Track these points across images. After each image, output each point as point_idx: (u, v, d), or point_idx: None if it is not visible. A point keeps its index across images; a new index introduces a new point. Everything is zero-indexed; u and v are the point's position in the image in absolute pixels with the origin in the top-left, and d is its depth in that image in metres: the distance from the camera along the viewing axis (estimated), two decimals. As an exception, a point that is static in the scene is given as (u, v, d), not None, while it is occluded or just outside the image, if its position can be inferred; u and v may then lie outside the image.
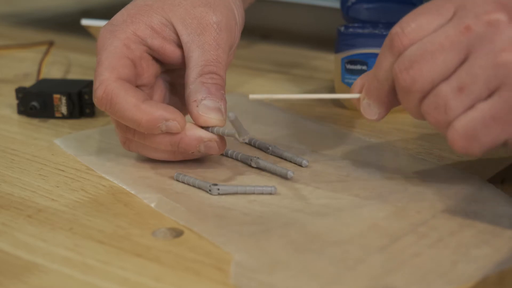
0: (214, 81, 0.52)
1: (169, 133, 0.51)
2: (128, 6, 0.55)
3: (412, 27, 0.45)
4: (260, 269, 0.41)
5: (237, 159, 0.55)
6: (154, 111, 0.50)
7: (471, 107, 0.43)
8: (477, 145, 0.43)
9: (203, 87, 0.51)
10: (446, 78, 0.44)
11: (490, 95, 0.43)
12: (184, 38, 0.53)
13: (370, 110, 0.48)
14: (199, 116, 0.51)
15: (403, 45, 0.45)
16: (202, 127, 0.52)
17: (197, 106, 0.51)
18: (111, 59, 0.52)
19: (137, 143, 0.53)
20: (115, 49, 0.52)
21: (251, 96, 0.49)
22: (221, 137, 0.52)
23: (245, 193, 0.50)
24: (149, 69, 0.55)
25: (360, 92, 0.49)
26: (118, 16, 0.54)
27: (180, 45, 0.54)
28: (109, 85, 0.51)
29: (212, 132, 0.51)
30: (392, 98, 0.47)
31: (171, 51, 0.54)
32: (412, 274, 0.40)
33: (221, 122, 0.52)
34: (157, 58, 0.55)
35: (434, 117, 0.44)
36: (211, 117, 0.51)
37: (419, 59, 0.44)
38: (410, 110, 0.46)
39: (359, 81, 0.49)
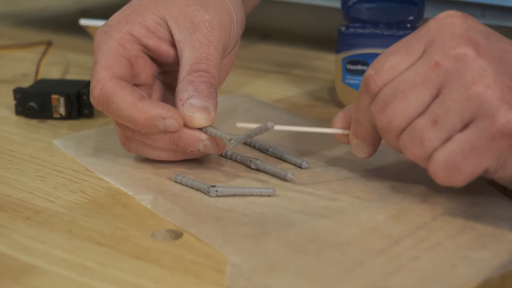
0: (203, 79, 0.52)
1: (167, 131, 0.51)
2: (124, 8, 0.55)
3: (385, 68, 0.46)
4: (257, 270, 0.41)
5: (236, 160, 0.55)
6: (152, 109, 0.50)
7: (447, 139, 0.44)
8: (458, 176, 0.44)
9: (190, 86, 0.51)
10: (421, 113, 0.44)
11: (466, 126, 0.43)
12: (177, 36, 0.53)
13: (359, 150, 0.50)
14: (184, 116, 0.51)
15: (377, 87, 0.46)
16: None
17: (183, 105, 0.51)
18: (107, 58, 0.52)
19: (137, 143, 0.53)
20: (111, 49, 0.52)
21: (238, 124, 0.50)
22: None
23: (243, 195, 0.49)
24: (146, 69, 0.55)
25: (341, 126, 0.50)
26: (113, 17, 0.54)
27: (174, 44, 0.54)
28: (105, 84, 0.51)
29: (205, 132, 0.51)
30: (376, 137, 0.49)
31: (166, 50, 0.54)
32: (411, 278, 0.40)
33: (207, 122, 0.51)
34: (153, 58, 0.55)
35: (411, 151, 0.45)
36: (197, 116, 0.51)
37: (392, 99, 0.45)
38: (392, 146, 0.47)
39: (340, 115, 0.51)
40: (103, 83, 0.51)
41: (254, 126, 0.50)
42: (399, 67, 0.46)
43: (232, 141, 0.50)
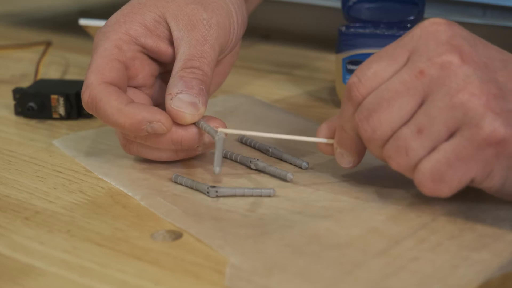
0: (194, 75, 0.51)
1: (171, 132, 0.51)
2: (123, 7, 0.55)
3: (368, 75, 0.45)
4: (257, 271, 0.41)
5: (236, 161, 0.55)
6: (137, 114, 0.50)
7: (433, 149, 0.43)
8: (444, 186, 0.43)
9: (180, 81, 0.51)
10: (406, 122, 0.44)
11: (451, 135, 0.43)
12: (175, 34, 0.53)
13: (344, 159, 0.49)
14: (171, 110, 0.50)
15: (361, 95, 0.45)
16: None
17: (171, 99, 0.51)
18: (99, 62, 0.52)
19: (138, 145, 0.53)
20: (105, 52, 0.52)
21: (220, 130, 0.50)
22: (225, 127, 0.52)
23: (243, 196, 0.49)
24: (144, 69, 0.54)
25: (324, 137, 0.50)
26: (112, 17, 0.54)
27: (173, 43, 0.54)
28: (93, 89, 0.51)
29: (198, 126, 0.51)
30: (361, 146, 0.48)
31: (164, 49, 0.54)
32: (411, 278, 0.40)
33: (194, 117, 0.51)
34: (153, 58, 0.55)
35: (396, 160, 0.45)
36: (183, 111, 0.50)
37: (376, 108, 0.44)
38: (376, 156, 0.47)
39: (324, 125, 0.50)
40: (91, 88, 0.51)
41: (236, 131, 0.51)
42: (382, 75, 0.45)
43: (216, 138, 0.50)
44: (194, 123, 0.51)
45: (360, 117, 0.45)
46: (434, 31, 0.45)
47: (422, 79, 0.44)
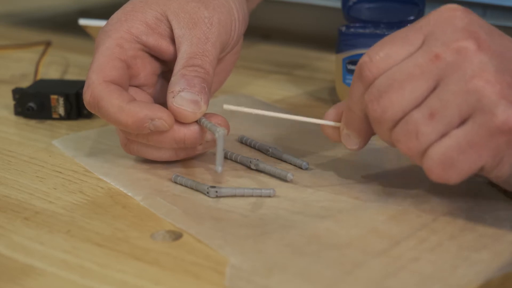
0: (196, 73, 0.51)
1: (174, 130, 0.51)
2: (125, 5, 0.55)
3: (380, 56, 0.45)
4: (256, 272, 0.41)
5: (236, 161, 0.55)
6: (138, 112, 0.50)
7: (443, 134, 0.43)
8: (454, 173, 0.43)
9: (182, 79, 0.51)
10: (417, 106, 0.44)
11: (463, 121, 0.43)
12: (177, 32, 0.53)
13: (350, 141, 0.49)
14: (173, 108, 0.50)
15: (372, 75, 0.45)
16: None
17: (173, 97, 0.51)
18: (100, 61, 0.52)
19: (138, 144, 0.53)
20: (107, 51, 0.52)
21: (226, 106, 0.50)
22: (226, 124, 0.52)
23: (243, 196, 0.49)
24: (146, 68, 0.54)
25: (332, 121, 0.49)
26: (114, 16, 0.54)
27: (174, 41, 0.54)
28: (95, 89, 0.51)
29: (199, 123, 0.51)
30: (368, 128, 0.47)
31: (166, 47, 0.54)
32: (412, 279, 0.40)
33: (195, 115, 0.51)
34: (155, 56, 0.55)
35: (405, 144, 0.44)
36: (186, 109, 0.50)
37: (388, 89, 0.44)
38: (383, 139, 0.46)
39: (332, 110, 0.50)
40: (92, 88, 0.51)
41: (241, 109, 0.51)
42: (395, 56, 0.44)
43: (217, 135, 0.50)
44: (196, 121, 0.51)
45: (370, 97, 0.45)
46: (451, 16, 0.44)
47: (437, 63, 0.43)
